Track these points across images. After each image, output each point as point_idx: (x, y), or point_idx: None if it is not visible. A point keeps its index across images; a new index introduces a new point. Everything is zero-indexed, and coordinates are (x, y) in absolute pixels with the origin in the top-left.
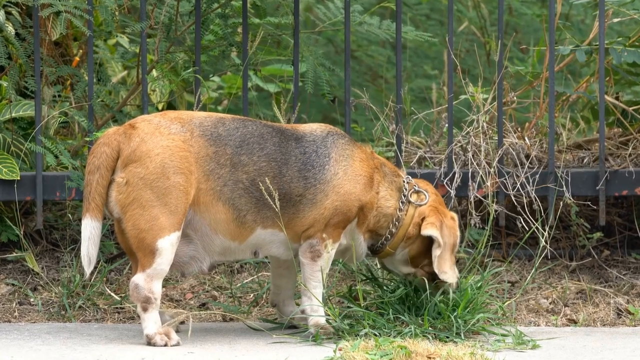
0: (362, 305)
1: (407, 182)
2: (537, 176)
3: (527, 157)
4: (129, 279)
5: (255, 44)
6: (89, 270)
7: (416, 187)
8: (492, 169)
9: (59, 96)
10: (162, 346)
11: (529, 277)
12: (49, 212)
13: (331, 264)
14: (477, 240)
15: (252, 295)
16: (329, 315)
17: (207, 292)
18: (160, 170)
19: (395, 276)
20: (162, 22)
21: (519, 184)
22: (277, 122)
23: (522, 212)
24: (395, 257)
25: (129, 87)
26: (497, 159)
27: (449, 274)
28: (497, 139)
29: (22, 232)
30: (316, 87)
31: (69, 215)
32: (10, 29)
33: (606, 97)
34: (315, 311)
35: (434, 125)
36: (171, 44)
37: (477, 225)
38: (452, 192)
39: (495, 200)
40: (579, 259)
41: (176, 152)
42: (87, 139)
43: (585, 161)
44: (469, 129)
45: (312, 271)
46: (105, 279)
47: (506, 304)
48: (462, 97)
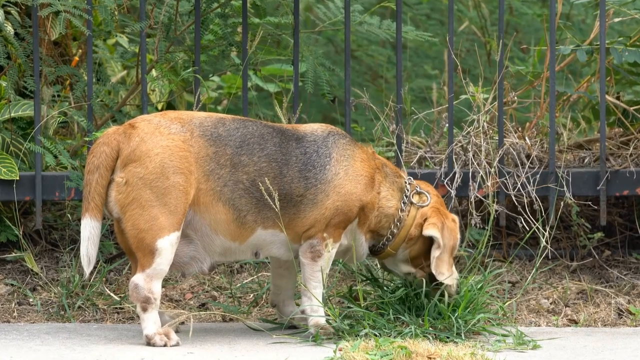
0: (362, 305)
1: (408, 183)
2: (538, 176)
3: (527, 157)
4: (128, 279)
5: (254, 43)
6: (88, 270)
7: (418, 188)
8: (492, 169)
9: (58, 96)
10: (161, 346)
11: (530, 277)
12: (48, 212)
13: (331, 264)
14: (477, 240)
15: (252, 295)
16: (329, 315)
17: (207, 292)
18: (159, 170)
19: (395, 276)
20: (161, 22)
21: (519, 184)
22: (278, 122)
23: (523, 212)
24: (396, 258)
25: (128, 87)
26: (497, 159)
27: (446, 275)
28: (497, 138)
29: (21, 232)
30: (316, 87)
31: (68, 215)
32: (9, 29)
33: (607, 97)
34: (315, 311)
35: (434, 125)
36: (171, 43)
37: (477, 225)
38: (453, 192)
39: (495, 200)
40: (580, 259)
41: (176, 152)
42: (87, 139)
43: (586, 161)
44: (469, 129)
45: (312, 271)
46: (104, 279)
47: (507, 304)
48: (463, 97)
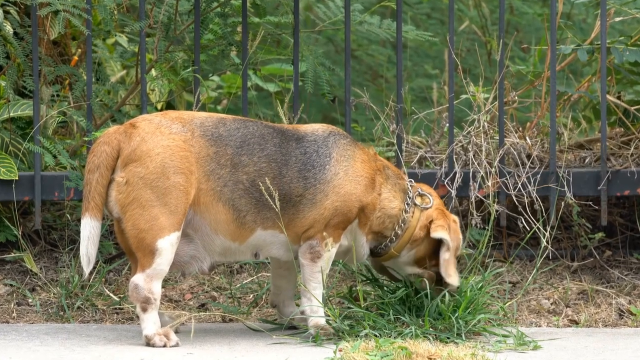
0: (362, 305)
1: (411, 185)
2: (539, 176)
3: (528, 157)
4: (127, 279)
5: (255, 43)
6: (88, 270)
7: (420, 190)
8: (493, 169)
9: (58, 96)
10: (161, 347)
11: (530, 277)
12: (48, 212)
13: (331, 265)
14: (478, 240)
15: (251, 295)
16: (329, 316)
17: (207, 292)
18: (160, 170)
19: (389, 278)
20: (161, 21)
21: (520, 184)
22: (278, 121)
23: (524, 212)
24: (399, 259)
25: (127, 87)
26: (498, 159)
27: (454, 277)
28: (498, 138)
29: (20, 233)
30: (316, 87)
31: (68, 215)
32: (8, 28)
33: (608, 96)
34: (315, 312)
35: (434, 124)
36: (170, 43)
37: (478, 225)
38: (453, 192)
39: (496, 200)
40: (581, 259)
41: (177, 152)
42: (86, 139)
43: (586, 161)
44: (469, 129)
45: (312, 272)
46: (104, 279)
47: (507, 304)
48: (463, 96)
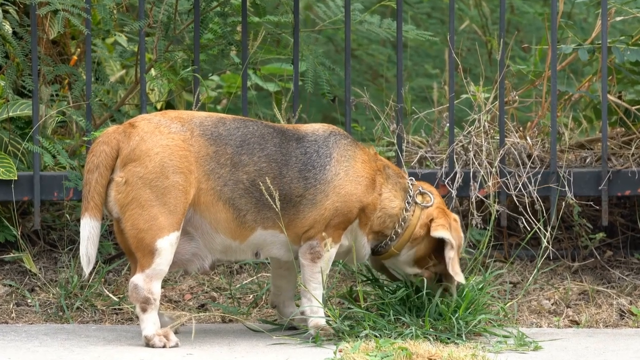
0: (362, 306)
1: (411, 184)
2: (539, 176)
3: (529, 156)
4: (127, 279)
5: (256, 43)
6: (87, 270)
7: (421, 188)
8: (493, 169)
9: (57, 95)
10: (160, 347)
11: (531, 278)
12: (47, 212)
13: (332, 265)
14: (478, 240)
15: (251, 296)
16: (329, 316)
17: (206, 293)
18: (159, 169)
19: (389, 277)
20: (160, 21)
21: (520, 184)
22: (278, 122)
23: (524, 213)
24: (399, 258)
25: (127, 86)
26: (498, 159)
27: (461, 275)
28: (498, 138)
29: (19, 233)
30: (316, 87)
31: (67, 215)
32: (7, 28)
33: (609, 96)
34: (315, 312)
35: (435, 124)
36: (170, 42)
37: (478, 225)
38: (454, 192)
39: (496, 200)
40: (582, 259)
41: (176, 152)
42: (85, 139)
43: (587, 161)
44: (470, 129)
45: (312, 272)
46: (103, 279)
47: (508, 305)
48: (464, 96)
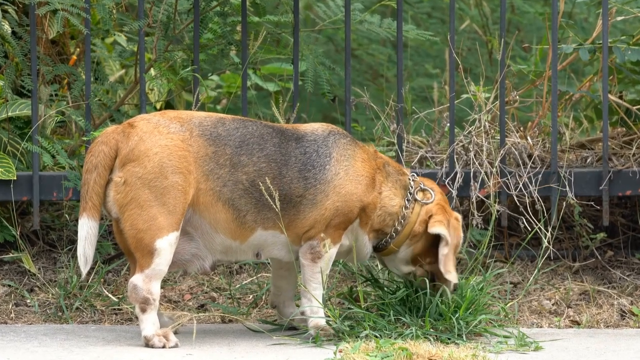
0: (362, 306)
1: (412, 180)
2: (540, 176)
3: (529, 156)
4: (126, 280)
5: (257, 43)
6: (85, 270)
7: (422, 185)
8: (494, 169)
9: (56, 95)
10: (160, 348)
11: (532, 278)
12: (46, 212)
13: (332, 265)
14: (479, 240)
15: (251, 296)
16: (329, 316)
17: (206, 293)
18: (158, 169)
19: (394, 275)
20: (160, 21)
21: (521, 184)
22: (277, 121)
23: (525, 213)
24: (397, 256)
25: (126, 86)
26: (499, 159)
27: (453, 274)
28: (499, 138)
29: (18, 233)
30: (316, 86)
31: (66, 215)
32: (6, 27)
33: (610, 96)
34: (315, 313)
35: (435, 124)
36: (169, 42)
37: (479, 225)
38: (454, 192)
39: (497, 200)
40: (582, 259)
41: (175, 152)
42: (85, 139)
43: (588, 161)
44: (470, 129)
45: (313, 272)
46: (102, 280)
47: (508, 305)
48: (464, 96)
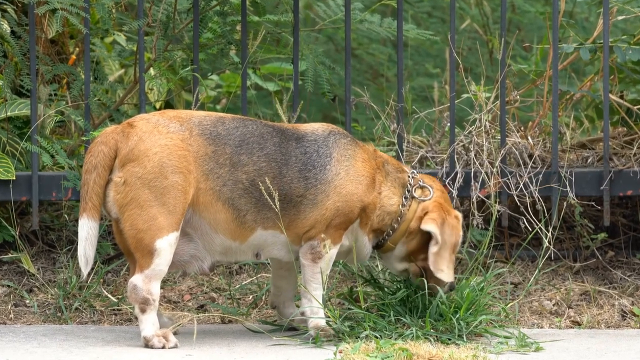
0: (362, 307)
1: (412, 178)
2: (541, 176)
3: (530, 156)
4: (126, 280)
5: (256, 43)
6: (86, 271)
7: (421, 182)
8: (494, 169)
9: (55, 95)
10: (159, 348)
11: (532, 278)
12: (45, 212)
13: (332, 265)
14: (479, 241)
15: (251, 296)
16: (329, 317)
17: (206, 293)
18: (158, 169)
19: (394, 275)
20: (159, 20)
21: (522, 184)
22: (278, 120)
23: (525, 213)
24: (393, 253)
25: (126, 86)
26: (499, 159)
27: (446, 272)
28: (499, 138)
29: (17, 233)
30: (316, 86)
31: (65, 215)
32: (5, 27)
33: (610, 95)
34: (315, 313)
35: (435, 124)
36: (169, 42)
37: (479, 225)
38: (454, 192)
39: (498, 200)
40: (583, 260)
41: (175, 151)
42: (84, 139)
43: (589, 161)
44: (471, 128)
45: (313, 273)
46: (102, 280)
47: (509, 305)
48: (464, 95)
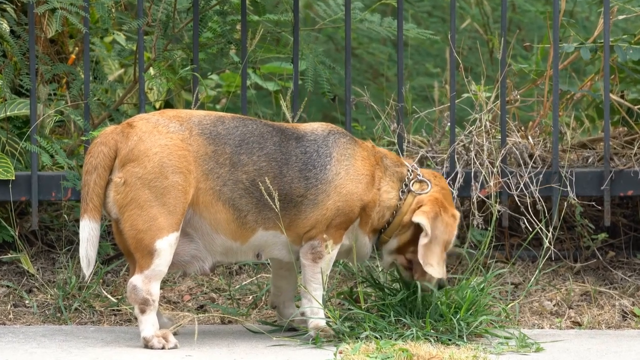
0: (363, 307)
1: (411, 171)
2: (541, 176)
3: (530, 156)
4: (125, 280)
5: (255, 41)
6: (88, 272)
7: (420, 176)
8: (495, 169)
9: (55, 94)
10: (159, 349)
11: (533, 278)
12: (45, 212)
13: (332, 265)
14: (480, 241)
15: (251, 297)
16: (330, 317)
17: (206, 294)
18: (158, 169)
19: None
20: (159, 19)
21: (522, 184)
22: (278, 120)
23: (526, 213)
24: (386, 246)
25: (125, 86)
26: (500, 159)
27: (435, 268)
28: (500, 138)
29: (17, 233)
30: (316, 86)
31: (65, 215)
32: (5, 26)
33: (611, 95)
34: (315, 313)
35: (436, 124)
36: (169, 41)
37: (479, 225)
38: (455, 192)
39: (498, 200)
40: (584, 260)
41: (174, 151)
42: (84, 138)
43: (589, 161)
44: (471, 128)
45: (313, 273)
46: (101, 280)
47: (509, 306)
48: (465, 95)
